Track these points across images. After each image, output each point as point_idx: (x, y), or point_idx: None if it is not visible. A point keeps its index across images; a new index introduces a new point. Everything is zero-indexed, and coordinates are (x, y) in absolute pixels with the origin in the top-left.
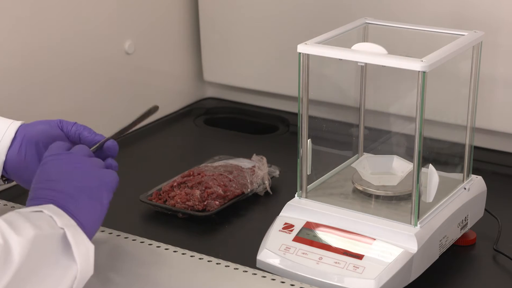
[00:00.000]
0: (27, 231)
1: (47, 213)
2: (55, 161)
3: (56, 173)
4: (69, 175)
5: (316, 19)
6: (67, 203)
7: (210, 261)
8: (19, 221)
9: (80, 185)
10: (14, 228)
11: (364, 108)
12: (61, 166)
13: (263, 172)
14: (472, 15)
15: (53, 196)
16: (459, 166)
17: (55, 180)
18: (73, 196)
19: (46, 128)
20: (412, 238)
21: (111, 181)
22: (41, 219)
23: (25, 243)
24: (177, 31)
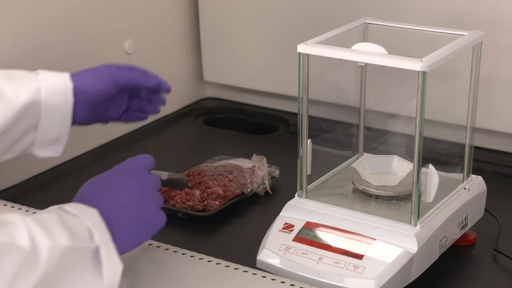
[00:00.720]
0: (61, 239)
1: (88, 223)
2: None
3: (127, 187)
4: (133, 199)
5: (316, 19)
6: (115, 218)
7: (210, 261)
8: (55, 225)
9: (138, 213)
10: (48, 232)
11: (364, 108)
12: (136, 183)
13: (263, 172)
14: (472, 15)
15: (108, 204)
16: (459, 166)
17: (122, 191)
18: (126, 218)
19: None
20: (412, 238)
21: (160, 225)
22: (79, 228)
23: (56, 251)
24: (177, 31)
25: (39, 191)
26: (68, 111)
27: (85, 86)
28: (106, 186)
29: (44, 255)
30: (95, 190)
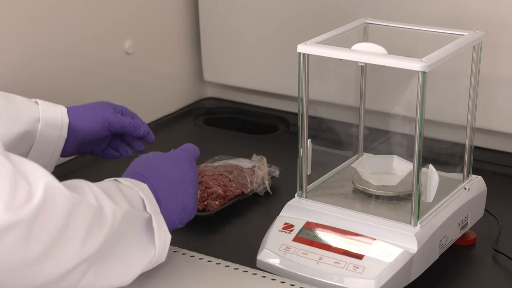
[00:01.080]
0: (122, 204)
1: (141, 195)
2: (187, 163)
3: (181, 171)
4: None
5: (316, 19)
6: (164, 199)
7: (210, 261)
8: (115, 192)
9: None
10: (110, 197)
11: (364, 108)
12: (188, 171)
13: (263, 172)
14: (472, 15)
15: (160, 184)
16: (459, 166)
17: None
18: (172, 201)
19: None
20: (412, 238)
21: (193, 215)
22: (134, 197)
23: (118, 212)
24: (177, 31)
25: None
26: (60, 145)
27: (79, 125)
28: (161, 168)
29: (109, 214)
30: (150, 167)
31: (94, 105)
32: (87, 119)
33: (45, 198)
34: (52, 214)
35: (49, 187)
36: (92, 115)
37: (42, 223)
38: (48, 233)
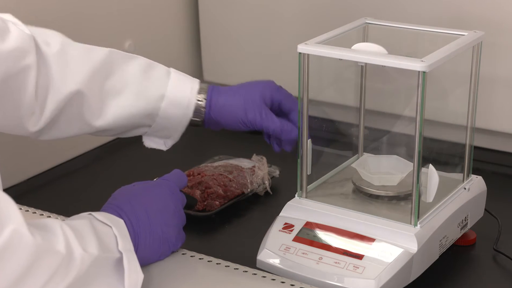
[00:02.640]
0: (91, 248)
1: (115, 231)
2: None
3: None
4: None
5: (316, 19)
6: (142, 234)
7: (210, 261)
8: (87, 234)
9: (164, 230)
10: (81, 240)
11: (364, 108)
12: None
13: (263, 172)
14: (472, 15)
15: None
16: (459, 166)
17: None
18: (152, 234)
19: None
20: (412, 238)
21: (180, 244)
22: (107, 236)
23: (87, 259)
24: (177, 31)
25: (39, 191)
26: (184, 122)
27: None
28: (140, 200)
29: (77, 261)
30: (129, 200)
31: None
32: (225, 116)
33: (8, 243)
34: (13, 260)
35: (16, 233)
36: (231, 114)
37: (2, 268)
38: (6, 279)
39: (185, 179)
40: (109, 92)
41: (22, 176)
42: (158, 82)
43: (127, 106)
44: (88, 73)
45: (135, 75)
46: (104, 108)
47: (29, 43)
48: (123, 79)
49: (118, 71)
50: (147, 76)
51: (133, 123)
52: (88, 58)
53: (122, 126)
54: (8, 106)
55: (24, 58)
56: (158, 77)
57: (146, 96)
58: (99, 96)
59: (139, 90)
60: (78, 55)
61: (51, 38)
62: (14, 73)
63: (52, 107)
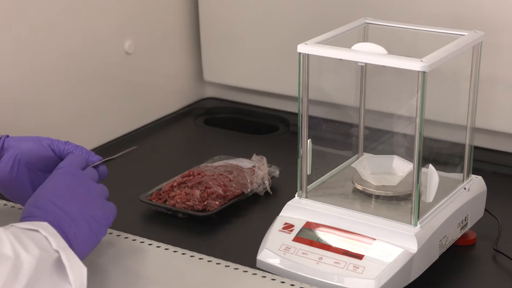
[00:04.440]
0: (33, 250)
1: (43, 233)
2: (69, 177)
3: (66, 190)
4: (78, 198)
5: (316, 19)
6: (67, 226)
7: (210, 261)
8: (24, 237)
9: (86, 212)
10: (22, 244)
11: (364, 108)
12: (73, 185)
13: (263, 172)
14: (472, 15)
15: (55, 214)
16: (459, 166)
17: (63, 198)
18: (75, 221)
19: (36, 147)
20: (412, 238)
21: (112, 215)
22: (37, 238)
23: (32, 261)
24: (177, 31)
25: None
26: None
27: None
28: (46, 197)
29: (26, 264)
30: (39, 205)
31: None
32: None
33: None
34: None
35: None
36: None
37: None
38: None
39: (79, 156)
40: None
41: None
42: None
43: None
44: None
45: None
46: None
47: None
48: None
49: None
50: None
51: None
52: None
53: None
54: None
55: None
56: None
57: None
58: None
59: None
60: None
61: None
62: None
63: None
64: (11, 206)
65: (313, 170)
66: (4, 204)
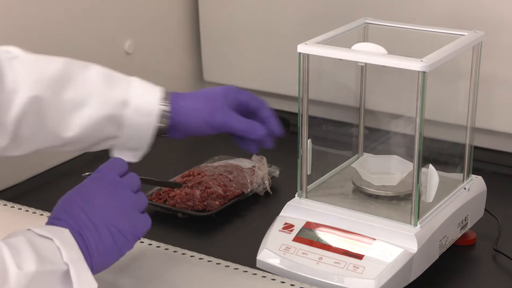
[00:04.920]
0: (29, 265)
1: (57, 243)
2: (103, 184)
3: (97, 198)
4: (108, 207)
5: (316, 19)
6: (89, 235)
7: (210, 261)
8: (24, 250)
9: (112, 223)
10: (17, 258)
11: (364, 108)
12: (106, 193)
13: (263, 172)
14: (472, 15)
15: (80, 221)
16: (459, 166)
17: (92, 205)
18: (99, 231)
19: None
20: (412, 238)
21: (142, 229)
22: (48, 249)
23: (23, 278)
24: (177, 31)
25: (39, 191)
26: (150, 130)
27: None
28: (76, 202)
29: (12, 281)
30: (67, 208)
31: (206, 100)
32: (191, 120)
33: None
34: None
35: None
36: (196, 117)
37: None
38: None
39: (122, 162)
40: (72, 102)
41: (22, 176)
42: (121, 90)
43: (92, 116)
44: (45, 82)
45: (96, 84)
46: (69, 119)
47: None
48: (84, 89)
49: (78, 80)
50: (108, 84)
51: (100, 134)
52: (45, 68)
53: (89, 138)
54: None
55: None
56: (120, 85)
57: (110, 104)
58: (61, 106)
59: (103, 99)
60: (35, 66)
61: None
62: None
63: (12, 118)
64: (10, 206)
65: (313, 170)
66: (4, 204)
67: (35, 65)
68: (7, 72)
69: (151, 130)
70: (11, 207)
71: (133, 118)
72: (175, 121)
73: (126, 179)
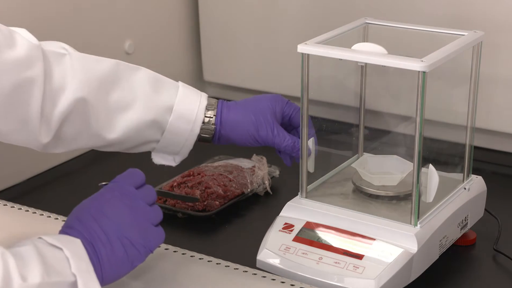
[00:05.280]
0: (33, 277)
1: (66, 253)
2: (118, 196)
3: (112, 209)
4: (121, 219)
5: (316, 19)
6: (100, 246)
7: (210, 261)
8: (31, 260)
9: (124, 235)
10: (22, 269)
11: (364, 108)
12: (120, 204)
13: (263, 172)
14: (472, 15)
15: (92, 231)
16: (459, 166)
17: (106, 216)
18: (111, 243)
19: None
20: (412, 238)
21: (155, 243)
22: (56, 259)
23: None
24: (177, 31)
25: (39, 191)
26: (192, 138)
27: (226, 134)
28: (90, 212)
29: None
30: (80, 218)
31: (253, 113)
32: (236, 133)
33: None
34: None
35: None
36: (242, 130)
37: None
38: None
39: (139, 174)
40: (118, 105)
41: (22, 176)
42: (167, 95)
43: (136, 119)
44: (93, 83)
45: (143, 88)
46: (114, 121)
47: (37, 52)
48: (131, 92)
49: (126, 82)
50: (155, 89)
51: (142, 137)
52: (93, 68)
53: (131, 140)
54: (17, 116)
55: (31, 68)
56: (166, 90)
57: (155, 109)
58: (107, 107)
59: (148, 103)
60: (84, 65)
61: (58, 49)
62: (22, 81)
63: (57, 117)
64: (10, 206)
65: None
66: (4, 204)
67: (84, 65)
68: (55, 69)
69: (193, 138)
70: (11, 207)
71: (176, 124)
72: (220, 133)
73: (141, 191)
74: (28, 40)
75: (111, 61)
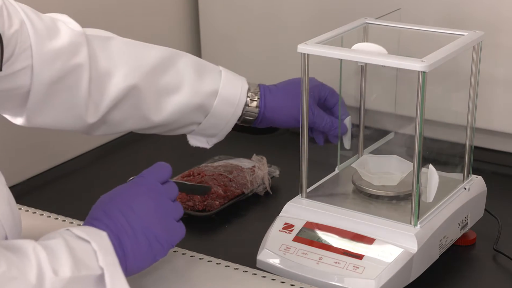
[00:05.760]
0: (64, 271)
1: (94, 246)
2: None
3: (138, 203)
4: (147, 213)
5: (316, 19)
6: (126, 239)
7: (210, 261)
8: (61, 254)
9: (150, 230)
10: (54, 263)
11: (364, 108)
12: (146, 199)
13: (263, 172)
14: (472, 15)
15: (118, 224)
16: (459, 166)
17: (132, 209)
18: (137, 236)
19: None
20: (412, 238)
21: (177, 238)
22: (84, 252)
23: (58, 283)
24: (177, 31)
25: (39, 191)
26: (233, 121)
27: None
28: (117, 205)
29: (47, 287)
30: (106, 210)
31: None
32: (280, 116)
33: None
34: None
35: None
36: (286, 113)
37: None
38: None
39: (166, 169)
40: (166, 88)
41: (22, 176)
42: (211, 79)
43: (184, 103)
44: (144, 69)
45: (189, 72)
46: (162, 104)
47: (81, 39)
48: (178, 76)
49: (173, 67)
50: (200, 73)
51: (186, 120)
52: (144, 54)
53: (175, 123)
54: (65, 103)
55: (77, 54)
56: (210, 74)
57: (201, 93)
58: (156, 92)
59: (194, 87)
60: (132, 51)
61: (102, 33)
62: (68, 69)
63: (106, 103)
64: None
65: (313, 170)
66: None
67: (132, 51)
68: (100, 53)
69: (234, 120)
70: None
71: (220, 107)
72: (263, 116)
73: (166, 186)
74: (71, 28)
75: (160, 48)
